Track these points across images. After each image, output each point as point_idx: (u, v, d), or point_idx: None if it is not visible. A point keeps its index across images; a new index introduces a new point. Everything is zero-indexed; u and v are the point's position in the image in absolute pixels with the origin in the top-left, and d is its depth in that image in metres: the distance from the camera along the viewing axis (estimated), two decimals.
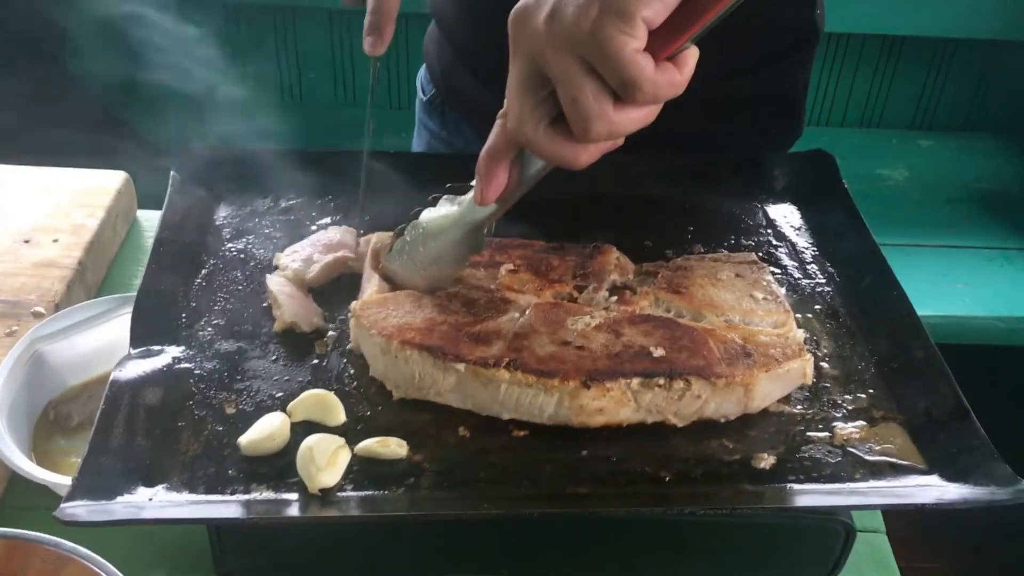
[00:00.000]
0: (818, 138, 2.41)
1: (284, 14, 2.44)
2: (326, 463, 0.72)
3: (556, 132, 0.65)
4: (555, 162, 0.67)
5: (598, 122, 0.62)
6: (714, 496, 0.73)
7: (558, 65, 0.61)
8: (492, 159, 0.71)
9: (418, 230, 0.84)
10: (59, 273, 1.01)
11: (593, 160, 0.66)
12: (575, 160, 0.65)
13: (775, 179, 1.07)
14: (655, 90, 0.60)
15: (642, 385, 0.76)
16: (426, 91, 1.27)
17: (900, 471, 0.74)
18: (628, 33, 0.58)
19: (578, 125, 0.62)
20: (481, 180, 0.72)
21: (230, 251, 0.95)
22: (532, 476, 0.74)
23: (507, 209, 0.76)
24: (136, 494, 0.70)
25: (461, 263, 0.83)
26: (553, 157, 0.66)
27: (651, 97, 0.61)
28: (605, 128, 0.62)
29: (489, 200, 0.73)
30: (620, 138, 0.65)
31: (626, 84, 0.60)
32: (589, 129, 0.62)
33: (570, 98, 0.62)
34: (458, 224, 0.80)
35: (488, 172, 0.71)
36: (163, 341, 0.83)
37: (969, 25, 2.32)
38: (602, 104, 0.61)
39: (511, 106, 0.66)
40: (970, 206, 2.31)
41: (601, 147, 0.65)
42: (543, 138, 0.65)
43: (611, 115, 0.62)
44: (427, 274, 0.84)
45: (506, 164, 0.71)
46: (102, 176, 1.16)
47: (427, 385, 0.78)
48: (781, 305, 0.85)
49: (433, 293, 0.84)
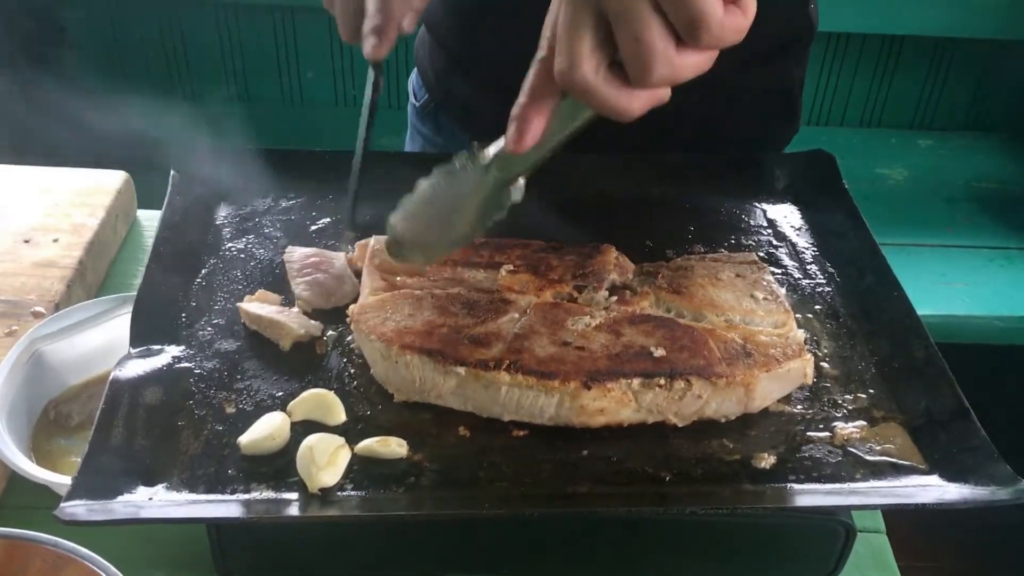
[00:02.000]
0: (818, 138, 2.41)
1: (284, 14, 2.44)
2: (326, 462, 0.72)
3: (613, 76, 0.61)
4: (606, 109, 0.62)
5: (661, 63, 0.59)
6: (714, 496, 0.73)
7: (623, 2, 0.58)
8: (532, 103, 0.65)
9: (430, 187, 0.77)
10: (59, 273, 1.01)
11: (643, 111, 0.63)
12: (628, 108, 0.62)
13: (775, 179, 1.07)
14: (721, 32, 0.58)
15: (643, 385, 0.76)
16: (418, 96, 1.25)
17: (900, 471, 0.74)
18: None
19: (638, 66, 0.59)
20: (518, 124, 0.66)
21: (230, 251, 0.95)
22: (532, 476, 0.74)
23: (535, 168, 0.70)
24: (136, 493, 0.70)
25: (483, 224, 0.75)
26: (606, 104, 0.62)
27: (716, 39, 0.58)
28: (667, 70, 0.59)
29: (525, 146, 0.66)
30: (670, 88, 0.62)
31: (694, 22, 0.57)
32: (651, 71, 0.59)
33: (632, 37, 0.58)
34: (481, 180, 0.73)
35: (527, 116, 0.65)
36: (163, 341, 0.82)
37: (969, 25, 2.32)
38: (667, 44, 0.58)
39: (563, 49, 0.61)
40: (970, 206, 2.31)
41: (654, 96, 0.62)
42: (601, 82, 0.61)
43: (673, 57, 0.59)
44: (442, 236, 0.78)
45: (548, 108, 0.66)
46: (102, 176, 1.16)
47: (428, 389, 0.78)
48: (781, 305, 0.85)
49: (442, 258, 0.79)
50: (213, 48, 2.48)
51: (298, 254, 0.93)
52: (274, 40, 2.48)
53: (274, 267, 0.93)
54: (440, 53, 1.17)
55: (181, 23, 2.45)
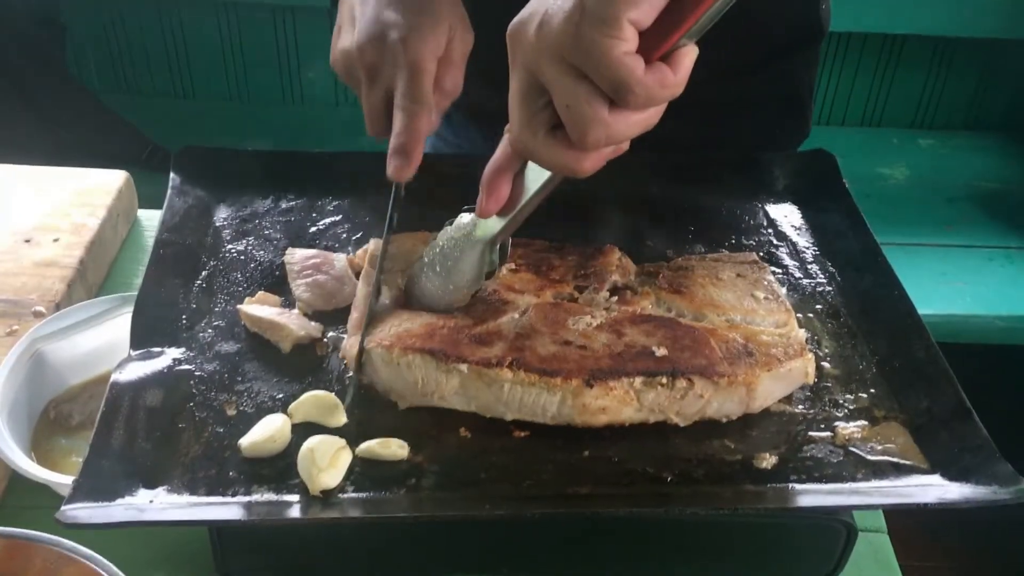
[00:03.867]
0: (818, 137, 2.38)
1: (284, 14, 2.44)
2: (327, 464, 0.72)
3: (556, 139, 0.64)
4: (558, 170, 0.67)
5: (594, 127, 0.61)
6: (716, 496, 0.73)
7: (551, 74, 0.61)
8: (496, 172, 0.71)
9: (435, 250, 0.83)
10: (60, 273, 1.01)
11: (597, 167, 0.66)
12: (578, 167, 0.65)
13: (776, 179, 1.07)
14: (647, 92, 0.60)
15: (645, 384, 0.76)
16: None
17: (902, 471, 0.74)
18: (613, 36, 0.58)
19: (575, 131, 0.62)
20: (483, 192, 0.72)
21: (230, 252, 0.95)
22: (533, 476, 0.74)
23: (517, 226, 0.75)
24: (137, 496, 0.70)
25: (474, 283, 0.81)
26: (555, 164, 0.66)
27: (644, 99, 0.60)
28: (602, 132, 0.61)
29: (489, 212, 0.73)
30: (623, 143, 0.64)
31: (617, 87, 0.59)
32: (587, 134, 0.61)
33: (564, 105, 0.61)
34: (469, 242, 0.79)
35: (490, 184, 0.71)
36: (163, 343, 0.82)
37: (970, 24, 2.32)
38: (596, 109, 0.60)
39: (512, 117, 0.66)
40: (970, 205, 2.31)
41: (603, 153, 0.65)
42: (543, 145, 0.64)
43: (607, 119, 0.61)
44: (443, 295, 0.83)
45: (508, 176, 0.71)
46: (103, 176, 1.16)
47: (431, 390, 0.78)
48: (782, 305, 0.85)
49: (450, 313, 0.82)
50: (213, 48, 2.48)
51: (298, 255, 0.93)
52: (274, 40, 2.48)
53: (274, 269, 0.93)
54: None
55: (181, 23, 2.45)
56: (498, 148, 0.70)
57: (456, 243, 0.81)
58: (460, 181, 0.81)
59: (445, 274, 0.82)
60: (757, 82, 1.09)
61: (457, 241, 0.81)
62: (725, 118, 1.08)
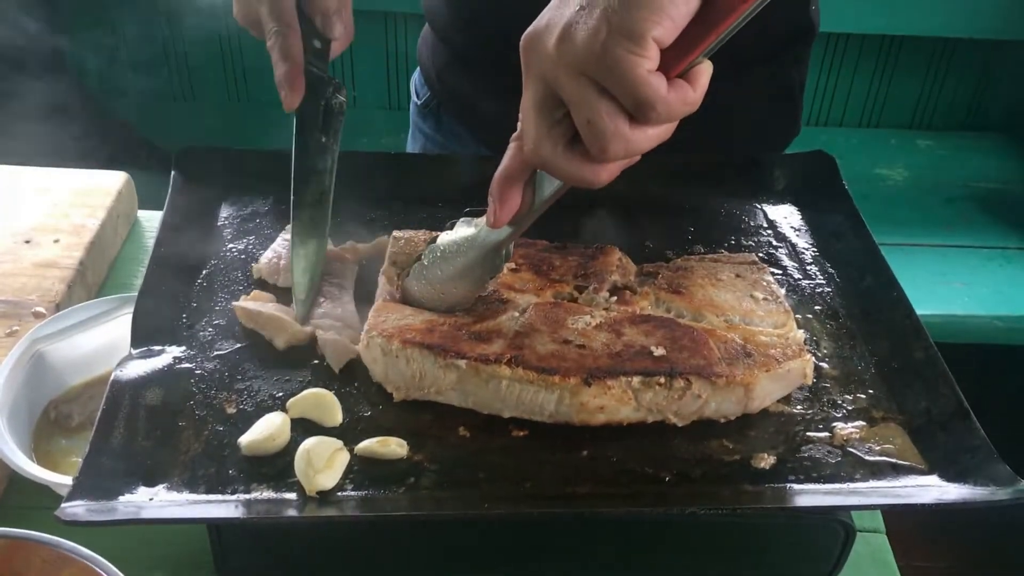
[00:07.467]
0: (817, 138, 2.42)
1: None
2: (324, 466, 0.72)
3: (574, 152, 0.64)
4: (574, 182, 0.66)
5: (615, 142, 0.61)
6: (714, 496, 0.73)
7: (571, 88, 0.61)
8: (507, 181, 0.70)
9: (435, 253, 0.83)
10: (60, 273, 1.01)
11: (612, 178, 0.66)
12: (595, 179, 0.65)
13: (775, 180, 1.07)
14: (669, 109, 0.60)
15: (643, 384, 0.76)
16: (420, 94, 1.27)
17: (900, 471, 0.74)
18: (638, 54, 0.58)
19: (595, 145, 0.62)
20: (495, 202, 0.72)
21: (231, 251, 0.95)
22: (532, 476, 0.74)
23: (522, 231, 0.76)
24: (137, 494, 0.70)
25: (479, 285, 0.82)
26: (572, 177, 0.66)
27: (665, 116, 0.61)
28: (622, 147, 0.62)
29: (501, 222, 0.73)
30: (638, 155, 0.64)
31: (639, 104, 0.60)
32: (606, 149, 0.62)
33: (585, 120, 0.61)
34: (474, 247, 0.80)
35: (502, 194, 0.71)
36: (164, 341, 0.83)
37: (968, 25, 2.32)
38: (618, 124, 0.61)
39: (527, 128, 0.65)
40: (969, 206, 2.31)
41: (619, 165, 0.65)
42: (561, 159, 0.64)
43: (627, 134, 0.61)
44: (445, 296, 0.83)
45: (520, 186, 0.71)
46: (103, 176, 1.16)
47: (428, 384, 0.78)
48: (781, 305, 0.86)
49: (452, 313, 0.83)
50: (213, 48, 2.48)
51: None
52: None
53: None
54: (442, 48, 1.18)
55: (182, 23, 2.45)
56: (506, 156, 0.70)
57: (459, 248, 0.81)
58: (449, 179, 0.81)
59: (448, 278, 0.82)
60: (749, 82, 1.09)
61: (460, 246, 0.81)
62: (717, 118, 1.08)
